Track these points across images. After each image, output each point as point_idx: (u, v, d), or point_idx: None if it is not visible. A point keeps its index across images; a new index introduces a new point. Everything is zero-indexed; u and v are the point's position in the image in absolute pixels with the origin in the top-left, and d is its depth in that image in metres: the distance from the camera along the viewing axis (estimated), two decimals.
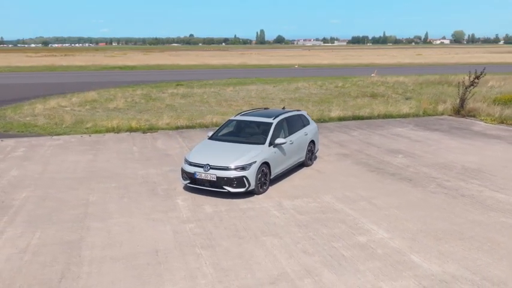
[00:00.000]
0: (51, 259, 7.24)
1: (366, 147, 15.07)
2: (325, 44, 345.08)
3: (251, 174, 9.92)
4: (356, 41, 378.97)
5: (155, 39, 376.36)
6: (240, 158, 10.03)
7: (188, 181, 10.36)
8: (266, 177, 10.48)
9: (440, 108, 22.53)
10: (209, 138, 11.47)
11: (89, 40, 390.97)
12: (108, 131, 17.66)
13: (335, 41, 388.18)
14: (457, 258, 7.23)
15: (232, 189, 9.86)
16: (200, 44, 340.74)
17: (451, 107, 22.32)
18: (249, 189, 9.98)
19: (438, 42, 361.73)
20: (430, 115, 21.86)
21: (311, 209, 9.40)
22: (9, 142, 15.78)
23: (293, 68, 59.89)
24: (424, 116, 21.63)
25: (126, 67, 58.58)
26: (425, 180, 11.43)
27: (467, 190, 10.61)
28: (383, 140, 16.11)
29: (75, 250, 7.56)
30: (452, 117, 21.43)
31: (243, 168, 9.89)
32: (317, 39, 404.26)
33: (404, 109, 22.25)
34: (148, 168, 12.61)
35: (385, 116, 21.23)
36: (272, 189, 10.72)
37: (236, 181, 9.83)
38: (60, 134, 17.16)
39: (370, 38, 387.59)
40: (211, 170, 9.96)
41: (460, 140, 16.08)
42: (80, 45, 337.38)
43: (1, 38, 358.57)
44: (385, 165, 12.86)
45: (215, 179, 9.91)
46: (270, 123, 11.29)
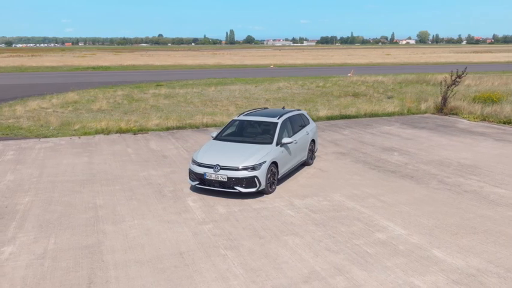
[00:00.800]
0: (73, 264, 7.06)
1: (361, 145, 15.28)
2: (294, 44, 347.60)
3: (262, 174, 9.93)
4: (325, 41, 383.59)
5: (123, 39, 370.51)
6: (250, 158, 10.01)
7: (197, 182, 10.27)
8: (274, 176, 10.50)
9: (423, 106, 23.06)
10: (214, 138, 11.39)
11: (54, 40, 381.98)
12: (97, 133, 17.31)
13: (304, 41, 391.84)
14: (477, 252, 7.44)
15: (243, 189, 9.84)
16: (169, 44, 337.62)
17: (434, 106, 22.89)
18: (260, 189, 9.98)
19: (404, 42, 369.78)
20: (414, 113, 22.36)
21: (324, 208, 9.48)
22: None
23: (269, 68, 60.09)
24: (409, 115, 22.10)
25: (99, 67, 57.46)
26: (426, 177, 11.69)
27: (468, 186, 10.91)
28: (375, 139, 16.37)
29: (96, 254, 7.40)
30: (435, 115, 21.97)
31: (253, 168, 9.88)
32: (286, 39, 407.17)
33: (388, 108, 22.66)
34: (148, 170, 12.43)
35: (371, 115, 21.58)
36: (280, 188, 10.75)
37: (247, 181, 9.81)
38: (48, 137, 16.71)
39: (338, 38, 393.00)
40: (221, 171, 9.91)
41: (449, 138, 16.51)
42: (45, 45, 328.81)
43: None
44: (384, 163, 13.08)
45: (226, 180, 9.86)
46: (276, 122, 11.31)
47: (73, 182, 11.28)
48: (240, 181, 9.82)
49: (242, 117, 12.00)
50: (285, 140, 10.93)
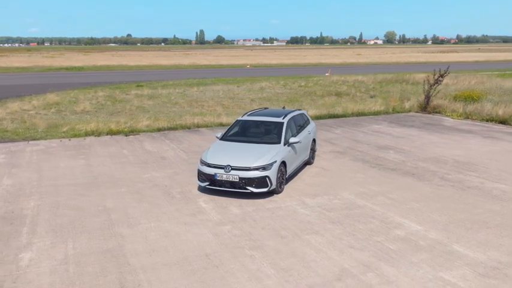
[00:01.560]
0: (100, 269, 6.92)
1: (356, 144, 15.50)
2: (265, 44, 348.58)
3: (273, 173, 9.96)
4: (295, 41, 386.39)
5: (91, 39, 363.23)
6: (262, 158, 10.03)
7: (207, 183, 10.20)
8: (283, 176, 10.55)
9: (407, 105, 23.55)
10: (220, 139, 11.34)
11: (18, 40, 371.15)
12: (87, 135, 16.96)
13: (274, 41, 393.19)
14: (495, 245, 7.67)
15: (255, 189, 9.84)
16: (138, 44, 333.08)
17: (417, 104, 23.41)
18: (271, 188, 10.01)
19: (372, 42, 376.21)
20: (399, 112, 22.82)
21: (336, 206, 9.58)
22: None
23: (245, 68, 60.11)
24: (394, 113, 22.53)
25: (73, 68, 56.19)
26: (426, 174, 11.96)
27: (469, 182, 11.23)
28: (368, 137, 16.63)
29: (120, 258, 7.27)
30: (419, 113, 22.48)
31: (264, 168, 9.90)
32: (257, 39, 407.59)
33: (374, 107, 23.04)
34: (150, 171, 12.28)
35: (358, 114, 21.89)
36: (288, 188, 10.80)
37: (259, 181, 9.82)
38: (37, 139, 16.27)
39: (308, 38, 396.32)
40: (232, 171, 9.88)
41: (439, 135, 16.93)
42: (9, 45, 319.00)
43: None
44: (382, 161, 13.31)
45: (237, 180, 9.84)
46: (281, 122, 11.36)
47: (76, 185, 11.03)
48: (252, 181, 9.82)
49: (247, 117, 11.99)
50: (292, 140, 10.99)
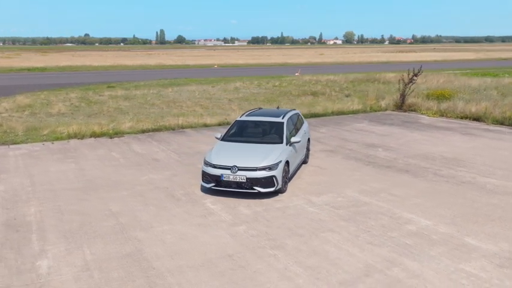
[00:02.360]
0: (125, 274, 6.78)
1: (344, 142, 15.78)
2: (226, 44, 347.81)
3: (279, 173, 10.03)
4: (256, 41, 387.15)
5: (46, 38, 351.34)
6: (268, 158, 10.08)
7: (212, 184, 10.16)
8: (287, 175, 10.64)
9: (383, 104, 24.14)
10: (221, 139, 11.30)
11: None
12: (70, 137, 16.49)
13: (236, 41, 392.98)
14: (504, 237, 8.03)
15: (262, 189, 9.88)
16: (97, 44, 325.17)
17: (393, 103, 24.03)
18: (277, 188, 10.07)
19: (332, 42, 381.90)
20: (376, 111, 23.36)
21: (343, 204, 9.75)
22: None
23: (213, 68, 59.87)
24: (372, 112, 23.05)
25: (35, 69, 54.27)
26: (420, 170, 12.33)
27: (462, 177, 11.66)
28: (354, 136, 16.96)
29: (142, 262, 7.15)
30: (396, 112, 23.09)
31: (271, 168, 9.95)
32: (218, 39, 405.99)
33: (352, 106, 23.49)
34: (147, 174, 12.09)
35: (338, 113, 22.26)
36: (290, 187, 10.88)
37: (265, 181, 9.87)
38: (17, 143, 15.68)
39: (269, 38, 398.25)
40: (239, 172, 9.88)
41: (420, 133, 17.46)
42: None
43: None
44: (374, 158, 13.62)
45: (244, 180, 9.85)
46: (282, 122, 11.45)
47: (73, 190, 10.73)
48: (259, 181, 9.85)
49: (246, 117, 12.01)
50: (294, 139, 11.10)
